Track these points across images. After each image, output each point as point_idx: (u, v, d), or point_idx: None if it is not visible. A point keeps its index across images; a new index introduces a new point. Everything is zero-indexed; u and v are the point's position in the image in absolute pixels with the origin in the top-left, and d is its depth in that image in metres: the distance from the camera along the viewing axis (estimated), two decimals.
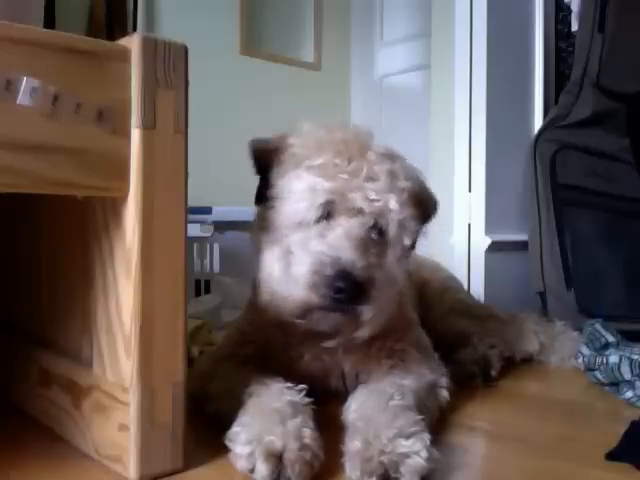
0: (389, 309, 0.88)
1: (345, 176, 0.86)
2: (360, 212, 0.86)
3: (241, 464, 0.72)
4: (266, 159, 0.93)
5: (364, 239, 0.85)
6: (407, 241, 0.90)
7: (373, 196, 0.86)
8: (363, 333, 0.87)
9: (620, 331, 1.31)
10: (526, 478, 0.80)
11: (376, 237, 0.87)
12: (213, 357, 1.05)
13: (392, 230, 0.87)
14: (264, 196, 0.92)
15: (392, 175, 0.88)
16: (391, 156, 0.92)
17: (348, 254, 0.81)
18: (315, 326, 0.87)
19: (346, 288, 0.79)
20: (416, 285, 1.37)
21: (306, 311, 0.83)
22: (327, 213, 0.86)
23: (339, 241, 0.83)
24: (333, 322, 0.84)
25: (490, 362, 1.20)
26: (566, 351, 1.39)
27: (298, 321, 0.86)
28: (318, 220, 0.86)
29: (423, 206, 0.95)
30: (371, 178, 0.87)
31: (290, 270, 0.83)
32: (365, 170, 0.87)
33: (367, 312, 0.82)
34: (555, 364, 1.39)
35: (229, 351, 1.03)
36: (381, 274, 0.84)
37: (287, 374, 0.89)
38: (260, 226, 0.93)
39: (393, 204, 0.87)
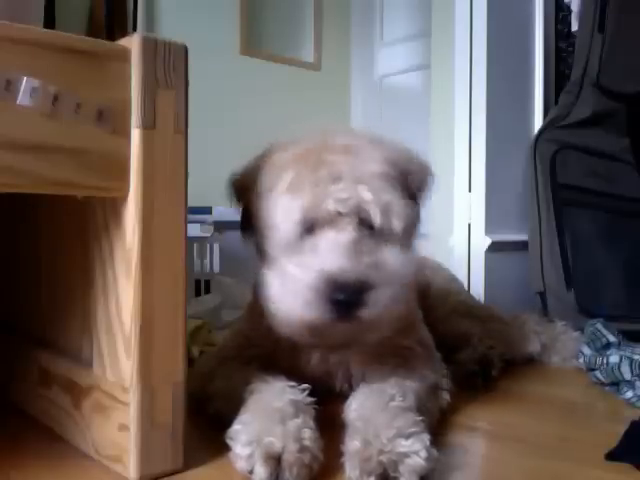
0: (396, 304, 0.82)
1: (313, 186, 0.83)
2: (339, 215, 0.82)
3: (240, 465, 0.72)
4: (244, 191, 0.94)
5: (353, 241, 0.81)
6: (398, 225, 0.85)
7: (343, 195, 0.82)
8: (373, 336, 0.84)
9: (620, 331, 1.31)
10: (526, 478, 0.80)
11: (368, 232, 0.83)
12: (215, 358, 1.05)
13: (377, 219, 0.83)
14: (249, 225, 0.93)
15: (355, 165, 0.85)
16: (349, 147, 0.87)
17: (338, 263, 0.78)
18: (327, 340, 0.84)
19: (343, 298, 0.76)
20: (420, 285, 1.36)
21: (312, 329, 0.80)
22: (311, 227, 0.83)
23: (326, 252, 0.80)
24: (341, 332, 0.81)
25: (490, 362, 1.20)
26: (567, 351, 1.39)
27: (309, 339, 0.84)
28: (303, 237, 0.83)
29: (411, 175, 0.91)
30: (336, 177, 0.83)
31: (289, 292, 0.80)
32: (327, 172, 0.83)
33: (371, 314, 0.78)
34: (556, 364, 1.39)
35: (234, 352, 1.02)
36: (379, 272, 0.80)
37: (292, 375, 0.89)
38: (256, 251, 0.93)
39: (366, 194, 0.83)
